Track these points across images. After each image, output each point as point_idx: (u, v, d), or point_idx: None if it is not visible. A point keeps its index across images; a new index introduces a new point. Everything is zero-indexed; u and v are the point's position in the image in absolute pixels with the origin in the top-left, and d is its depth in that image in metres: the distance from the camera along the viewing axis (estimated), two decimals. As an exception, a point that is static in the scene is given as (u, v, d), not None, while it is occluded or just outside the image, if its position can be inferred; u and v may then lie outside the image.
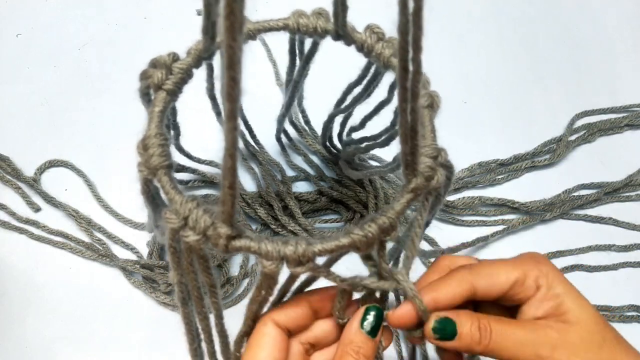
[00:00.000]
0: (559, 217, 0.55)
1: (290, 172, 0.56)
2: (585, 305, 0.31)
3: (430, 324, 0.31)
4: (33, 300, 0.49)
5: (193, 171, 0.54)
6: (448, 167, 0.31)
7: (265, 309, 0.32)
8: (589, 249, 0.54)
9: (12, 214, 0.53)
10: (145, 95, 0.35)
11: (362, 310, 0.31)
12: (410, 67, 0.24)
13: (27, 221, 0.53)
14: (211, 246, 0.27)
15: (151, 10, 0.69)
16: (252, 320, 0.32)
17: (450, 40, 0.67)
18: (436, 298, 0.31)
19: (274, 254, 0.27)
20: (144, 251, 0.52)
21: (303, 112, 0.56)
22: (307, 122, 0.57)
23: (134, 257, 0.51)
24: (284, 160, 0.57)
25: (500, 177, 0.58)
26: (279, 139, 0.56)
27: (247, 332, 0.33)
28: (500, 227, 0.54)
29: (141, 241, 0.52)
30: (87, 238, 0.52)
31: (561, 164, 0.59)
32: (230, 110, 0.22)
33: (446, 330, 0.30)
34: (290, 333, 0.31)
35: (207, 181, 0.54)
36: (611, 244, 0.54)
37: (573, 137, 0.60)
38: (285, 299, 0.32)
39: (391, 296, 0.40)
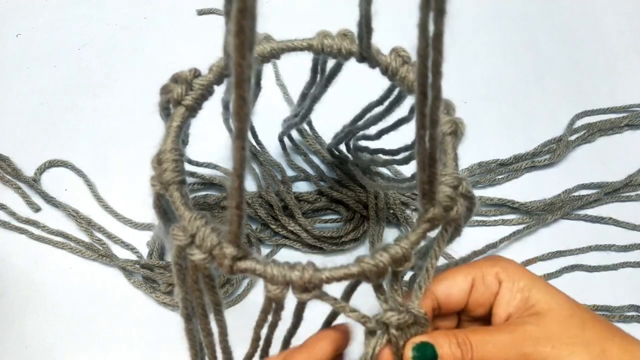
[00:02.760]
0: (559, 217, 0.55)
1: (290, 172, 0.56)
2: (554, 293, 0.30)
3: (408, 352, 0.29)
4: (33, 300, 0.49)
5: (191, 174, 0.54)
6: (469, 198, 0.29)
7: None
8: (589, 249, 0.54)
9: (12, 214, 0.53)
10: (165, 110, 0.35)
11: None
12: (430, 93, 0.23)
13: (27, 221, 0.53)
14: (216, 266, 0.27)
15: (151, 10, 0.69)
16: (257, 342, 0.32)
17: (450, 40, 0.67)
18: None
19: (280, 278, 0.26)
20: (144, 251, 0.52)
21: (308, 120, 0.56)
22: (309, 123, 0.57)
23: (134, 257, 0.51)
24: (284, 161, 0.57)
25: (500, 177, 0.58)
26: (281, 140, 0.56)
27: (252, 353, 0.32)
28: (501, 227, 0.54)
29: (141, 241, 0.52)
30: (87, 238, 0.52)
31: (561, 164, 0.59)
32: (239, 129, 0.21)
33: (426, 355, 0.29)
34: None
35: (206, 183, 0.54)
36: (611, 244, 0.54)
37: (573, 137, 0.60)
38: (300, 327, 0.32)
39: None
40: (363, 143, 0.53)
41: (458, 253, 0.52)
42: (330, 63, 0.41)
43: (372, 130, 0.46)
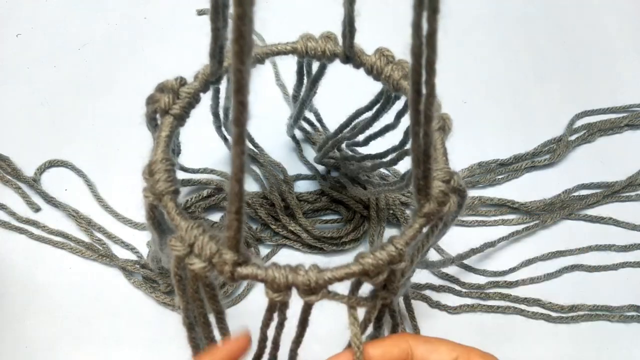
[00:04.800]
0: (559, 217, 0.55)
1: (295, 171, 0.56)
2: None
3: None
4: (33, 300, 0.49)
5: (188, 181, 0.54)
6: (461, 192, 0.30)
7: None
8: (589, 249, 0.54)
9: (12, 214, 0.53)
10: (152, 120, 0.35)
11: None
12: (424, 90, 0.24)
13: (27, 221, 0.53)
14: (217, 274, 0.27)
15: (151, 10, 0.69)
16: (264, 343, 0.32)
17: (450, 40, 0.67)
18: (369, 352, 0.30)
19: (282, 281, 0.26)
20: (144, 251, 0.52)
21: (316, 112, 0.56)
22: (320, 120, 0.57)
23: (134, 257, 0.51)
24: (292, 158, 0.57)
25: (500, 177, 0.58)
26: (292, 136, 0.57)
27: (260, 354, 0.32)
28: (501, 228, 0.54)
29: (141, 241, 0.52)
30: (87, 238, 0.52)
31: (561, 164, 0.59)
32: (238, 134, 0.22)
33: None
34: None
35: (203, 188, 0.54)
36: (611, 244, 0.54)
37: (573, 137, 0.60)
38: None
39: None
40: (351, 151, 0.53)
41: (456, 251, 0.52)
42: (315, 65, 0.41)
43: (360, 137, 0.47)
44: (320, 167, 0.56)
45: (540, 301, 0.50)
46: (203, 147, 0.52)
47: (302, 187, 0.56)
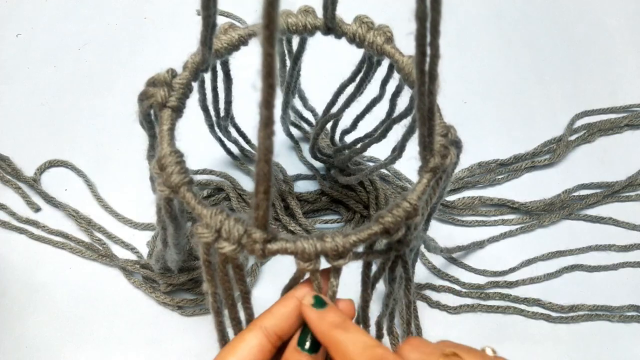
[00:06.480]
0: (559, 218, 0.55)
1: (295, 171, 0.56)
2: None
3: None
4: (33, 300, 0.49)
5: None
6: (457, 143, 0.32)
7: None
8: (589, 249, 0.54)
9: (12, 214, 0.53)
10: (147, 116, 0.35)
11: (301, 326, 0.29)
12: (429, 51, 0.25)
13: (27, 221, 0.53)
14: (246, 254, 0.28)
15: (151, 10, 0.69)
16: None
17: (450, 40, 0.67)
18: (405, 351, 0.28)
19: (312, 250, 0.27)
20: (144, 251, 0.52)
21: (312, 110, 0.56)
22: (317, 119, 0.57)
23: (134, 257, 0.51)
24: (291, 159, 0.57)
25: (500, 177, 0.58)
26: (289, 134, 0.57)
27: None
28: (500, 227, 0.54)
29: (141, 241, 0.52)
30: (87, 238, 0.52)
31: (561, 164, 0.59)
32: (267, 117, 0.22)
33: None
34: (282, 339, 0.29)
35: (202, 189, 0.54)
36: (611, 244, 0.54)
37: (573, 137, 0.60)
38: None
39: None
40: (344, 141, 0.53)
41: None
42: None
43: (347, 122, 0.47)
44: (319, 165, 0.56)
45: (540, 301, 0.50)
46: (199, 149, 0.52)
47: (302, 187, 0.56)
